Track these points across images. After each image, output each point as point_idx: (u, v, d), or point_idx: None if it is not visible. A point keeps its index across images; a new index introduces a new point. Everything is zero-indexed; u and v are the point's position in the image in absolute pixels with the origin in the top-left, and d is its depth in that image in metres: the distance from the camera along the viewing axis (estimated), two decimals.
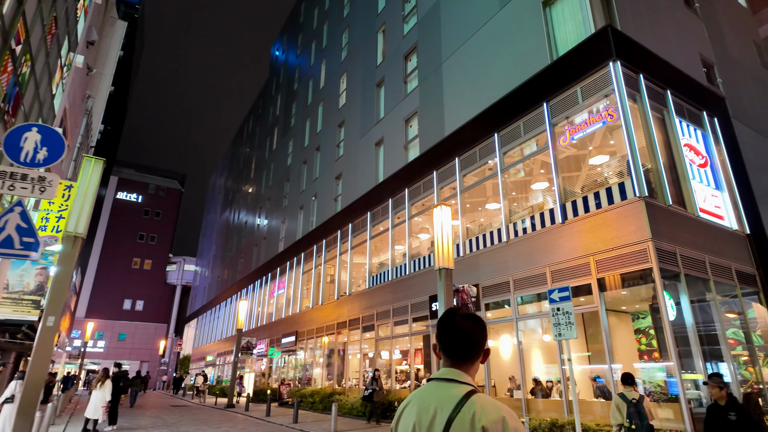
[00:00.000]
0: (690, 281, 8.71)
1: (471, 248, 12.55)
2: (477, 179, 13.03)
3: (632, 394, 5.57)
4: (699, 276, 8.83)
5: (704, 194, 9.89)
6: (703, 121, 11.09)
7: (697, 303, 9.08)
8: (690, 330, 8.20)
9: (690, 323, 8.22)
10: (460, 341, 1.51)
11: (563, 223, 9.91)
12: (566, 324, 6.43)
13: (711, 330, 9.18)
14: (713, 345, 9.24)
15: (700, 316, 9.02)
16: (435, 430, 1.36)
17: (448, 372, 1.49)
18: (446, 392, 1.42)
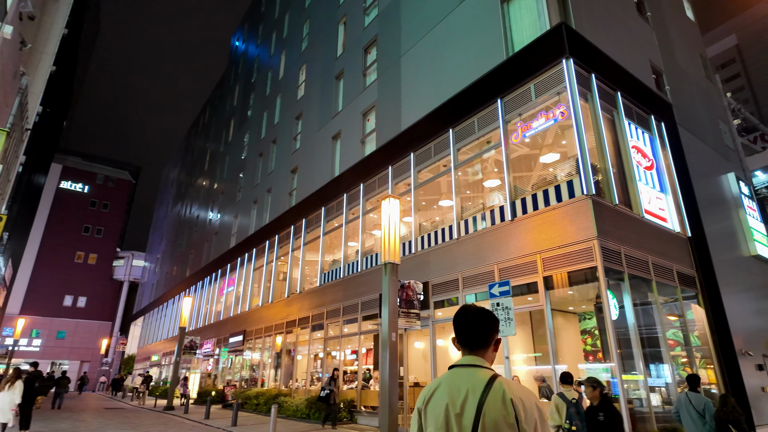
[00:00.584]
0: (633, 281, 8.72)
1: (422, 245, 12.26)
2: (431, 175, 12.76)
3: (572, 393, 5.35)
4: (642, 276, 8.86)
5: (649, 196, 10.01)
6: (651, 124, 11.28)
7: (640, 305, 9.12)
8: (632, 330, 8.18)
9: (632, 323, 8.20)
10: (474, 331, 1.73)
11: (513, 221, 9.75)
12: (505, 320, 6.16)
13: (652, 331, 9.25)
14: (654, 347, 9.31)
15: (642, 317, 9.07)
16: (468, 408, 1.54)
17: (469, 359, 1.70)
18: (473, 376, 1.62)
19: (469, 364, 1.67)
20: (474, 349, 1.71)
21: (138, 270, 58.40)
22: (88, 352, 52.76)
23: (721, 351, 9.82)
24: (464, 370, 1.65)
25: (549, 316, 8.61)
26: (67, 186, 56.59)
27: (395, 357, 7.81)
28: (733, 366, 9.73)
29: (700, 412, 5.90)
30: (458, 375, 1.65)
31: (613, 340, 7.57)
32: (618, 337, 8.12)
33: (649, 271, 9.04)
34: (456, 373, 1.67)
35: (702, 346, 10.21)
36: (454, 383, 1.62)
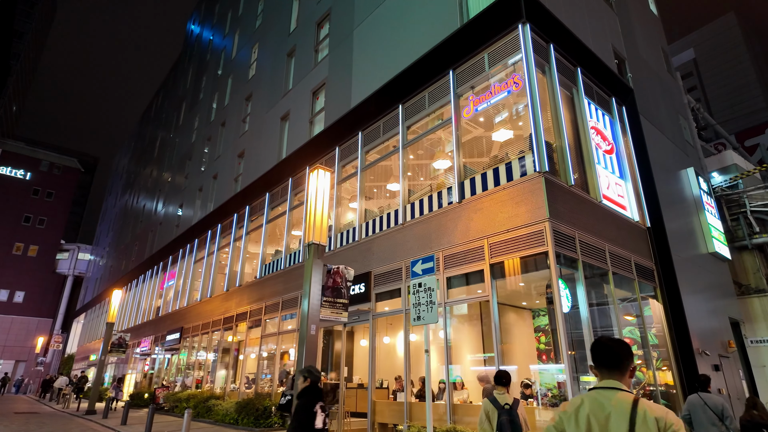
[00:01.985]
0: (588, 271, 7.85)
1: (366, 232, 11.10)
2: (379, 156, 11.64)
3: (504, 398, 4.31)
4: (598, 265, 8.00)
5: (608, 181, 9.21)
6: (612, 107, 10.55)
7: (596, 300, 8.26)
8: (585, 325, 7.28)
9: (585, 317, 7.30)
10: (612, 358, 2.01)
11: (460, 203, 8.74)
12: (427, 304, 5.06)
13: (607, 327, 8.41)
14: None
15: (597, 311, 8.21)
16: (613, 427, 1.79)
17: (609, 383, 1.97)
18: (614, 396, 1.89)
19: (609, 387, 1.93)
20: (611, 373, 1.98)
21: (84, 264, 54.75)
22: (24, 351, 48.90)
23: (679, 350, 9.11)
24: (603, 391, 1.92)
25: (495, 308, 7.61)
26: (6, 172, 52.44)
27: (314, 354, 6.60)
28: (691, 367, 9.04)
29: (718, 415, 5.14)
30: (598, 395, 1.91)
31: (563, 335, 6.62)
32: (570, 333, 7.20)
33: (605, 260, 8.20)
34: (595, 393, 1.93)
35: (659, 345, 9.50)
36: (595, 401, 1.90)
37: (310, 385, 4.35)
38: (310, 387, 4.33)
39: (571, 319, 7.26)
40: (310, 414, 3.97)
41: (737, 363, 12.54)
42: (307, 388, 4.33)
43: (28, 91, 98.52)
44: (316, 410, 3.98)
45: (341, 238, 11.93)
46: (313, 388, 4.30)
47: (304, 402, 4.13)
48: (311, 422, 3.91)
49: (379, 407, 9.36)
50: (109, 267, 39.75)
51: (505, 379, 4.42)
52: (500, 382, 4.41)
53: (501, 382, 4.40)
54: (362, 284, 10.43)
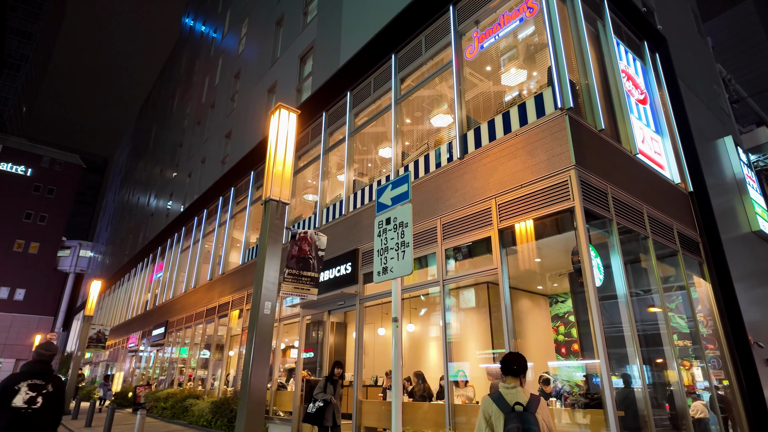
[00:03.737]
0: (624, 237, 6.21)
1: (355, 204, 9.55)
2: (370, 117, 10.07)
3: (516, 394, 2.71)
4: (635, 231, 6.35)
5: (643, 134, 7.55)
6: (644, 53, 8.88)
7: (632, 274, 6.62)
8: (623, 304, 5.65)
9: (623, 294, 5.68)
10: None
11: (462, 159, 7.14)
12: (398, 249, 3.39)
13: (649, 314, 6.77)
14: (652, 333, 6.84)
15: (636, 289, 6.58)
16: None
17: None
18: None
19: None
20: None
21: (85, 261, 53.95)
22: (26, 349, 48.15)
23: (733, 341, 7.42)
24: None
25: (506, 285, 6.00)
26: (7, 168, 51.79)
27: (269, 341, 5.06)
28: (747, 361, 7.35)
29: None
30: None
31: (596, 316, 5.00)
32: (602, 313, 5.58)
33: (644, 225, 6.54)
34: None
35: (706, 336, 7.81)
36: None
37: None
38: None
39: (603, 297, 5.63)
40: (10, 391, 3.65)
41: None
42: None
43: (38, 91, 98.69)
44: (18, 387, 3.66)
45: (327, 213, 10.39)
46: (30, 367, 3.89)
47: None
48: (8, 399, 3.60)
49: (366, 408, 7.79)
50: (106, 263, 38.71)
51: (515, 365, 2.81)
52: (509, 370, 2.81)
53: (510, 371, 2.81)
54: (349, 264, 8.88)
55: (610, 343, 5.90)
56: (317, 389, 7.24)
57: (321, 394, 7.13)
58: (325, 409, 7.04)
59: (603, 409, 4.71)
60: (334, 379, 7.28)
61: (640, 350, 5.37)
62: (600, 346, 4.85)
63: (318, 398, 7.14)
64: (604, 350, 4.84)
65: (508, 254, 6.57)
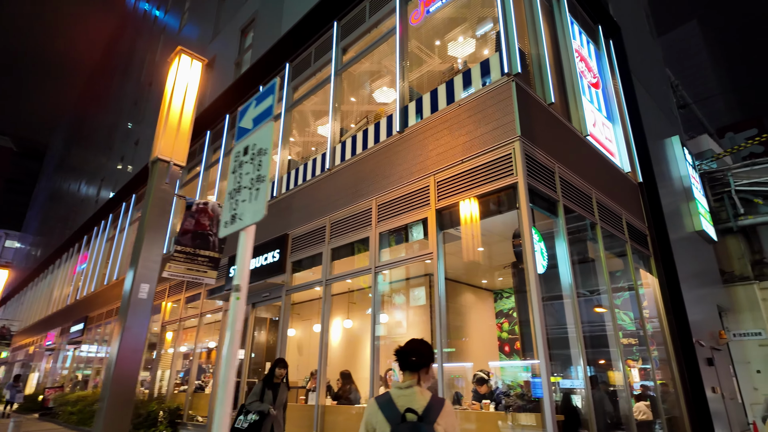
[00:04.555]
0: (571, 223, 5.66)
1: (288, 185, 8.61)
2: (309, 90, 9.17)
3: (412, 398, 1.89)
4: (583, 214, 5.82)
5: (595, 118, 7.10)
6: (599, 37, 8.51)
7: (578, 257, 6.09)
8: (567, 292, 5.06)
9: (568, 284, 5.09)
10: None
11: (402, 133, 6.40)
12: (252, 186, 2.44)
13: (596, 307, 6.27)
14: (597, 326, 6.36)
15: (582, 281, 6.05)
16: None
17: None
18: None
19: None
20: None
21: (10, 252, 49.51)
22: None
23: (679, 339, 7.08)
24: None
25: (441, 270, 5.29)
26: None
27: (141, 331, 4.07)
28: (691, 360, 7.04)
29: None
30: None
31: (537, 304, 4.35)
32: (543, 305, 4.97)
33: (592, 211, 6.03)
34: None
35: (651, 333, 7.45)
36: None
37: None
38: None
39: (546, 283, 5.03)
40: None
41: (727, 357, 10.81)
42: None
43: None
44: None
45: None
46: None
47: None
48: None
49: (287, 412, 6.87)
50: (32, 254, 35.47)
51: (416, 354, 2.00)
52: (405, 362, 1.98)
53: (407, 363, 1.99)
54: (277, 251, 7.93)
55: (552, 339, 5.31)
56: (250, 396, 5.37)
57: (256, 404, 5.21)
58: (262, 423, 5.10)
59: (540, 413, 4.06)
60: (275, 382, 5.42)
61: (584, 347, 4.79)
62: (539, 341, 4.21)
63: (252, 409, 5.19)
64: (544, 346, 4.20)
65: (447, 241, 5.88)
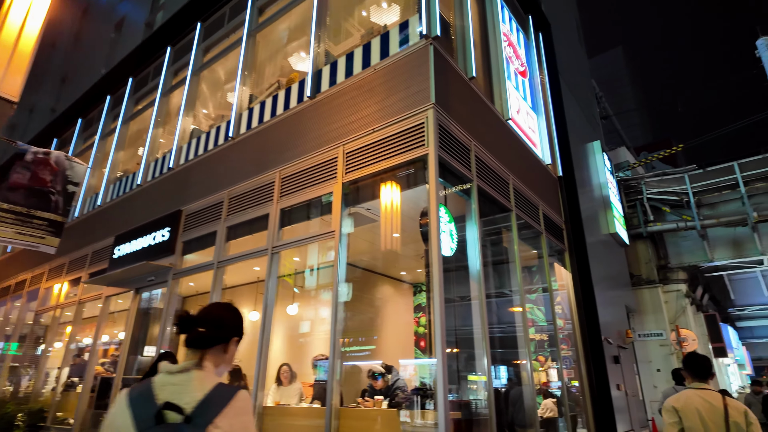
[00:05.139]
0: (485, 206, 5.28)
1: (187, 156, 7.61)
2: (220, 51, 8.21)
3: (185, 387, 1.22)
4: (499, 200, 5.47)
5: (519, 105, 6.86)
6: (529, 27, 8.36)
7: (491, 251, 5.75)
8: (475, 280, 4.65)
9: (476, 272, 4.68)
10: None
11: (314, 99, 5.72)
12: None
13: (506, 299, 5.97)
14: (508, 325, 6.06)
15: (493, 269, 5.72)
16: None
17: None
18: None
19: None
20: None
21: None
22: None
23: (588, 335, 7.00)
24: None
25: (343, 252, 4.68)
26: None
27: None
28: (598, 356, 6.99)
29: None
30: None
31: (438, 295, 3.86)
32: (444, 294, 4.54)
33: (509, 197, 5.72)
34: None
35: (561, 329, 7.36)
36: None
37: None
38: None
39: (451, 266, 4.60)
40: None
41: (632, 356, 11.22)
42: None
43: None
44: None
45: (154, 168, 8.26)
46: None
47: None
48: None
49: None
50: None
51: (204, 324, 1.33)
52: (188, 336, 1.32)
53: (194, 340, 1.32)
54: (167, 229, 6.92)
55: (458, 334, 4.89)
56: None
57: None
58: None
59: (434, 410, 3.56)
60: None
61: (488, 339, 4.38)
62: (437, 329, 3.71)
63: None
64: (442, 336, 3.71)
65: (359, 223, 5.31)
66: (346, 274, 4.68)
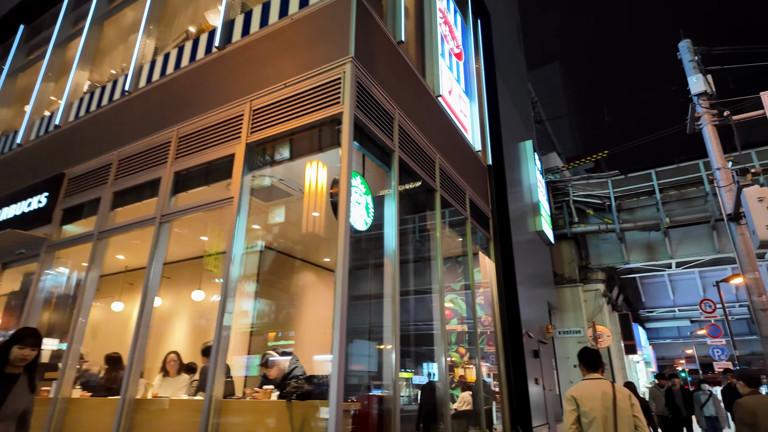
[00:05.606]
0: (406, 179, 4.88)
1: (77, 113, 6.56)
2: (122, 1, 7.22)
3: None
4: (422, 176, 5.09)
5: (452, 86, 6.57)
6: (467, 11, 8.14)
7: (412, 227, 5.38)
8: (390, 259, 4.22)
9: (392, 250, 4.25)
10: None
11: (223, 50, 5.03)
12: None
13: (424, 283, 5.61)
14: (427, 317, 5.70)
15: (413, 251, 5.34)
16: None
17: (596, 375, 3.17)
18: None
19: None
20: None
21: None
22: None
23: (509, 328, 6.85)
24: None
25: (242, 222, 4.06)
26: None
27: None
28: (518, 349, 6.87)
29: None
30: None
31: (341, 272, 3.39)
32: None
33: (434, 176, 5.37)
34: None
35: (483, 318, 7.18)
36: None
37: None
38: None
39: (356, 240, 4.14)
40: None
41: (551, 352, 11.46)
42: None
43: None
44: None
45: (39, 126, 7.10)
46: None
47: None
48: None
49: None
50: None
51: None
52: None
53: None
54: (45, 194, 5.89)
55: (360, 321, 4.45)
56: None
57: None
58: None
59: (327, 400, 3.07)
60: (8, 373, 3.14)
61: (398, 331, 3.96)
62: (337, 319, 3.23)
63: None
64: (342, 327, 3.24)
65: (277, 196, 4.73)
66: (249, 251, 4.09)
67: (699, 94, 6.41)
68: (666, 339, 28.55)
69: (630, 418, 2.93)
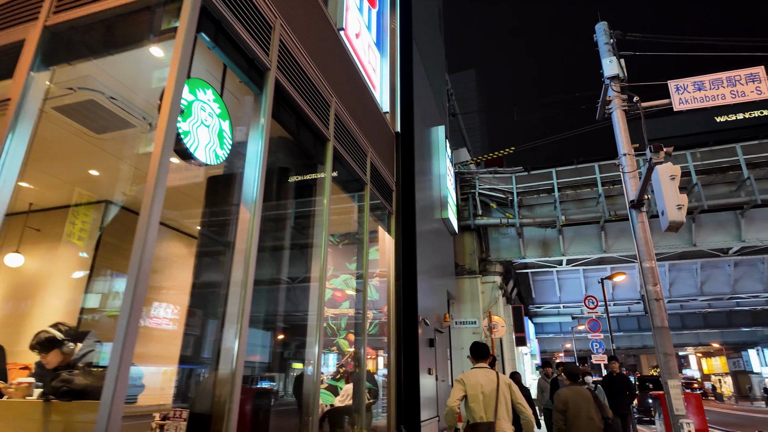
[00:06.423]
0: (287, 113, 3.82)
1: None
2: None
3: None
4: (310, 119, 4.06)
5: (360, 29, 5.62)
6: None
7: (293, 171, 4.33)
8: (248, 206, 3.15)
9: (251, 198, 3.19)
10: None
11: None
12: None
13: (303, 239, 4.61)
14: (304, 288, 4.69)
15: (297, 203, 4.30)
16: None
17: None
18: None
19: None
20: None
21: None
22: None
23: (403, 312, 6.11)
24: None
25: (20, 138, 2.71)
26: None
27: None
28: (412, 338, 6.17)
29: None
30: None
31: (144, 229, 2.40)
32: None
33: (327, 120, 4.36)
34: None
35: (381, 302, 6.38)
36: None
37: None
38: None
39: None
40: None
41: (447, 341, 11.14)
42: None
43: None
44: None
45: None
46: None
47: None
48: None
49: None
50: None
51: None
52: None
53: None
54: None
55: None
56: None
57: None
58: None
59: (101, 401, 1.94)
60: None
61: (249, 287, 2.92)
62: (129, 294, 2.10)
63: None
64: (134, 307, 2.12)
65: (103, 126, 3.39)
66: None
67: (612, 77, 6.22)
68: (549, 334, 30.75)
69: (509, 402, 3.35)
